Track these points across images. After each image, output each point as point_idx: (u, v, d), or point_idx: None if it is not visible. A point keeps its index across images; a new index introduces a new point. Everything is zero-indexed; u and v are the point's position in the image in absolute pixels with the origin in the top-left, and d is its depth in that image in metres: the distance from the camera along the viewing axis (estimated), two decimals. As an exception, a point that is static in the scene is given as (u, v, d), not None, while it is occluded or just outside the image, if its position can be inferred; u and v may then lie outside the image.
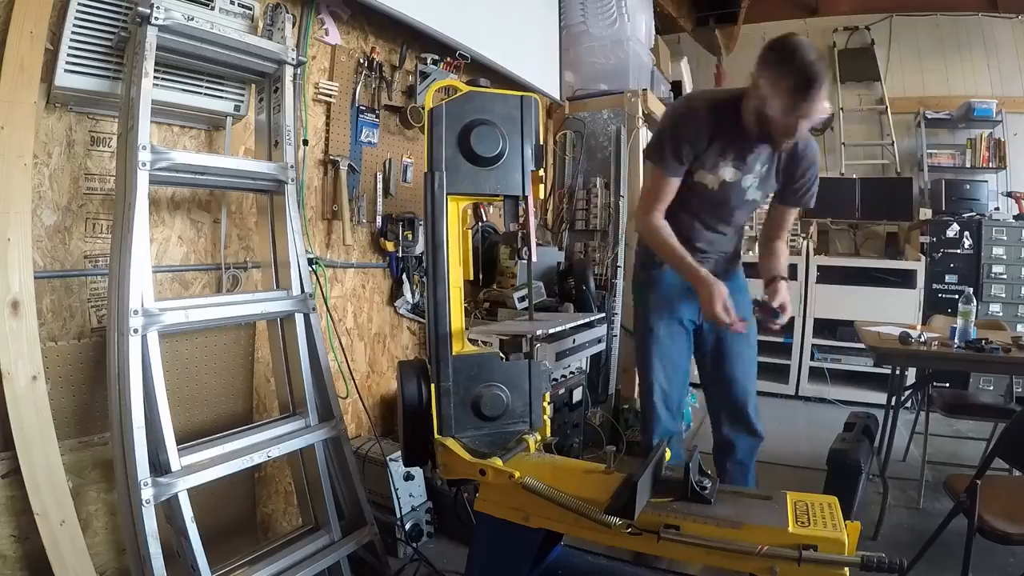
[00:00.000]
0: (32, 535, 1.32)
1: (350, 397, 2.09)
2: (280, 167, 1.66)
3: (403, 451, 1.33)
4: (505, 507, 1.17)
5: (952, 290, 4.01)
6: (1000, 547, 1.61)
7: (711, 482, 1.09)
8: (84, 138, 1.51)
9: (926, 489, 2.50)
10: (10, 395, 1.28)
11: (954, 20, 4.66)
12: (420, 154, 2.44)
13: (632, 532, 1.02)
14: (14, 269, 1.30)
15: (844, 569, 0.92)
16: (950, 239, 4.10)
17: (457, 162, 1.26)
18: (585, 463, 1.32)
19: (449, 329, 1.27)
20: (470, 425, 1.28)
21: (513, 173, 1.30)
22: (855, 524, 0.98)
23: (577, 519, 1.06)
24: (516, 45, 2.90)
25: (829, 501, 1.05)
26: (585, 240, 3.40)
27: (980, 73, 4.60)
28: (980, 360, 2.23)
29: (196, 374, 1.70)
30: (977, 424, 2.85)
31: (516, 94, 1.32)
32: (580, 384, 2.70)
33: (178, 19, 1.38)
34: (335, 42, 2.16)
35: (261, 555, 1.56)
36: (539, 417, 1.33)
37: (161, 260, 1.68)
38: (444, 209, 1.26)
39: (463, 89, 1.30)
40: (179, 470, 1.35)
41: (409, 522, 2.05)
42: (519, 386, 1.31)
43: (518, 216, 1.32)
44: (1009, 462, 1.66)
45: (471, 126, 1.26)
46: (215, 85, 1.65)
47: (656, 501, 1.08)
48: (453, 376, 1.26)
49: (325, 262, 2.11)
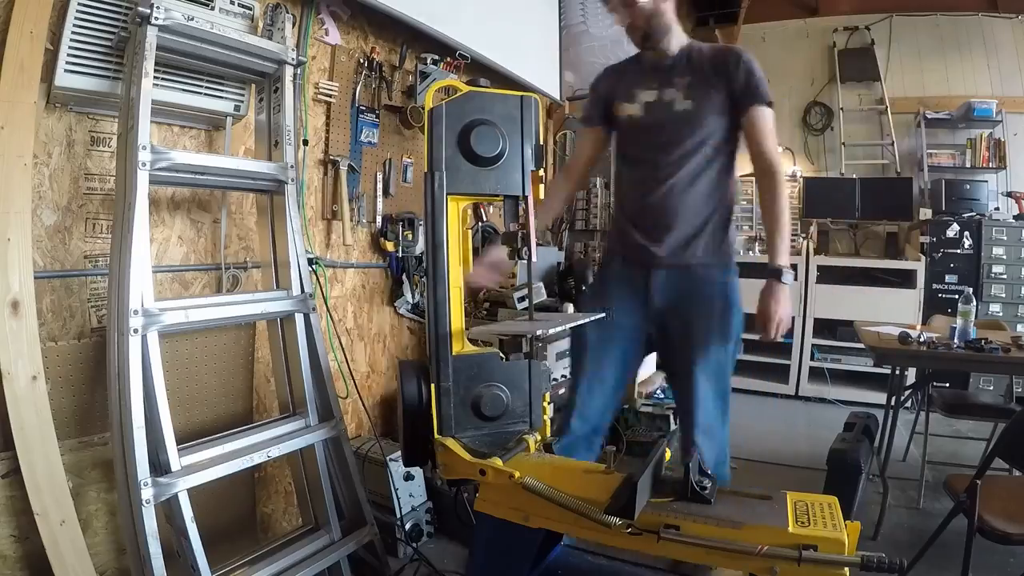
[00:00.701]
0: (32, 535, 1.32)
1: (350, 397, 2.09)
2: (280, 167, 1.66)
3: (403, 451, 1.33)
4: (505, 507, 1.17)
5: (952, 290, 4.01)
6: (1000, 547, 1.61)
7: (711, 482, 1.09)
8: (84, 138, 1.51)
9: (926, 489, 2.50)
10: (10, 395, 1.28)
11: (954, 20, 4.66)
12: (420, 154, 2.44)
13: (632, 532, 1.02)
14: (14, 269, 1.30)
15: (844, 569, 0.92)
16: (950, 239, 4.10)
17: (457, 162, 1.26)
18: (585, 463, 1.31)
19: (449, 329, 1.27)
20: (470, 425, 1.28)
21: (513, 173, 1.29)
22: (855, 524, 0.98)
23: (577, 519, 1.06)
24: (516, 45, 2.90)
25: (829, 501, 1.05)
26: (585, 240, 3.41)
27: (980, 73, 4.60)
28: (980, 360, 2.23)
29: (196, 374, 1.70)
30: (977, 424, 2.85)
31: (516, 94, 1.32)
32: (580, 384, 2.70)
33: (178, 19, 1.38)
34: (335, 42, 2.16)
35: (261, 555, 1.56)
36: (539, 417, 1.33)
37: (161, 260, 1.68)
38: (444, 209, 1.26)
39: (463, 89, 1.30)
40: (179, 470, 1.35)
41: (409, 522, 2.05)
42: (519, 386, 1.31)
43: (518, 216, 1.32)
44: (1009, 462, 1.66)
45: (471, 126, 1.26)
46: (215, 85, 1.65)
47: (656, 501, 1.08)
48: (453, 376, 1.26)
49: (325, 262, 2.11)
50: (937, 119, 4.57)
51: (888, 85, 4.76)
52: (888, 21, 4.81)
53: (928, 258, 4.11)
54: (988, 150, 4.49)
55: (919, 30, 4.75)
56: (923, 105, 4.61)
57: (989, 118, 4.42)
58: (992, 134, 4.51)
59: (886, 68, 4.78)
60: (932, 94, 4.69)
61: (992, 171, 4.49)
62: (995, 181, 4.48)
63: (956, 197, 4.35)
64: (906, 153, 4.74)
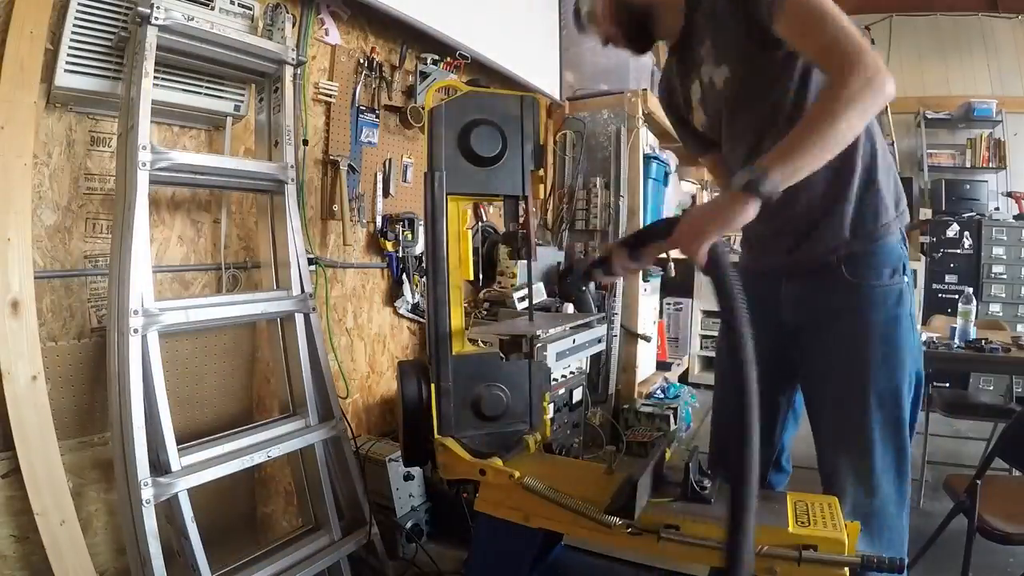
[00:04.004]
0: (32, 535, 1.32)
1: (350, 397, 2.09)
2: (280, 167, 1.66)
3: (403, 451, 1.33)
4: (505, 507, 1.17)
5: (952, 290, 4.01)
6: (1000, 547, 1.61)
7: (711, 482, 1.09)
8: (84, 138, 1.51)
9: (926, 489, 2.49)
10: (10, 395, 1.28)
11: (954, 20, 4.67)
12: (420, 154, 2.44)
13: (632, 532, 1.02)
14: (14, 269, 1.30)
15: (844, 569, 0.92)
16: (950, 239, 4.11)
17: (457, 162, 1.26)
18: (585, 463, 1.31)
19: (449, 329, 1.27)
20: (470, 425, 1.28)
21: (513, 173, 1.30)
22: (855, 524, 0.98)
23: (577, 519, 1.06)
24: (516, 45, 2.90)
25: (829, 501, 1.05)
26: (585, 240, 3.40)
27: (980, 73, 4.61)
28: (980, 360, 2.23)
29: (196, 374, 1.70)
30: (977, 424, 2.85)
31: (516, 94, 1.32)
32: (580, 384, 2.70)
33: (178, 19, 1.38)
34: (335, 42, 2.16)
35: (261, 555, 1.56)
36: (539, 417, 1.33)
37: (161, 260, 1.68)
38: (444, 209, 1.26)
39: (463, 89, 1.30)
40: (179, 470, 1.35)
41: (409, 522, 2.05)
42: (519, 386, 1.31)
43: (518, 216, 1.32)
44: (1009, 462, 1.66)
45: (471, 126, 1.26)
46: (215, 85, 1.65)
47: (656, 501, 1.08)
48: (453, 376, 1.26)
49: (325, 262, 2.11)
50: (937, 119, 4.58)
51: (888, 85, 4.76)
52: (888, 21, 4.81)
53: (928, 258, 4.11)
54: (988, 150, 4.49)
55: (919, 30, 4.75)
56: (923, 105, 4.62)
57: (989, 118, 4.42)
58: (992, 134, 4.51)
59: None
60: (932, 94, 4.69)
61: (992, 171, 4.50)
62: (995, 181, 4.49)
63: (956, 197, 4.35)
64: (906, 153, 4.74)
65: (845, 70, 0.94)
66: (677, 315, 4.55)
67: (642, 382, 3.47)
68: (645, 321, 3.42)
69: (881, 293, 1.15)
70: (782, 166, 0.94)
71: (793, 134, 0.96)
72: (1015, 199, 4.31)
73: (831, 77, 0.97)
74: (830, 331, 1.19)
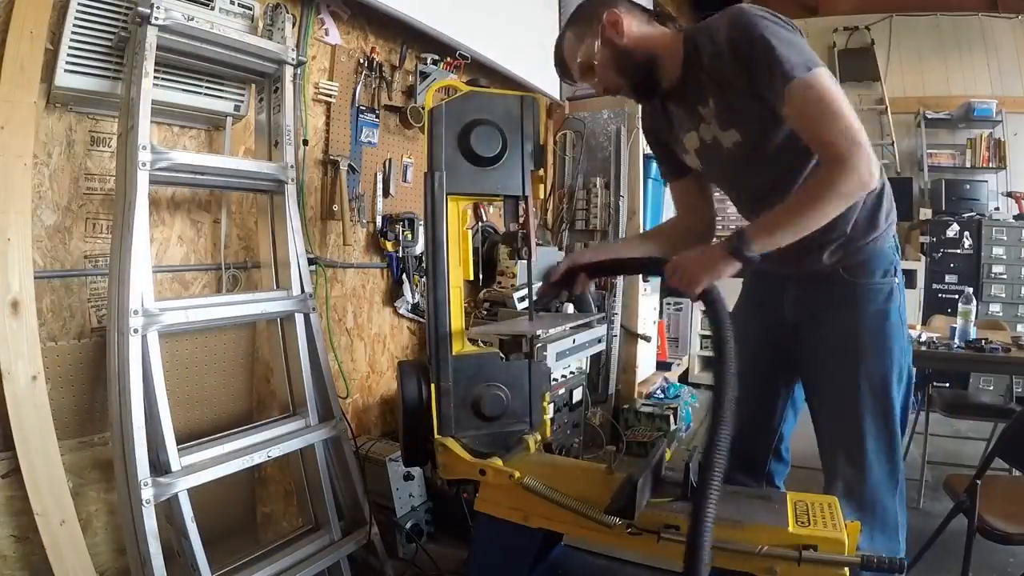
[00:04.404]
0: (32, 535, 1.32)
1: (350, 397, 2.09)
2: (280, 167, 1.66)
3: (403, 451, 1.33)
4: (505, 507, 1.17)
5: (952, 290, 4.01)
6: (1000, 547, 1.61)
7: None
8: (84, 138, 1.51)
9: (926, 489, 2.50)
10: (10, 395, 1.28)
11: (954, 20, 4.66)
12: (420, 154, 2.44)
13: (632, 532, 1.02)
14: (14, 269, 1.30)
15: (844, 569, 0.92)
16: (950, 239, 4.11)
17: (457, 162, 1.26)
18: (585, 463, 1.31)
19: (449, 329, 1.27)
20: (470, 425, 1.28)
21: (513, 173, 1.30)
22: (855, 524, 0.98)
23: (577, 519, 1.06)
24: (516, 45, 2.89)
25: (829, 501, 1.05)
26: (585, 240, 3.40)
27: (980, 73, 4.61)
28: (980, 360, 2.23)
29: (196, 374, 1.70)
30: (977, 424, 2.85)
31: (516, 94, 1.32)
32: (580, 384, 2.70)
33: (178, 19, 1.38)
34: (335, 42, 2.16)
35: (261, 555, 1.56)
36: (539, 417, 1.33)
37: (161, 260, 1.68)
38: (444, 209, 1.26)
39: (463, 89, 1.30)
40: (179, 470, 1.35)
41: (409, 522, 2.05)
42: (519, 386, 1.31)
43: (518, 216, 1.32)
44: (1009, 462, 1.66)
45: (471, 126, 1.26)
46: (215, 85, 1.65)
47: (656, 501, 1.08)
48: (453, 376, 1.26)
49: (325, 262, 2.11)
50: (937, 119, 4.58)
51: (888, 85, 4.76)
52: (888, 21, 4.81)
53: (928, 258, 4.11)
54: (988, 150, 4.49)
55: (919, 30, 4.75)
56: (923, 105, 4.62)
57: (989, 118, 4.42)
58: (992, 134, 4.51)
59: (886, 68, 4.78)
60: (932, 94, 4.69)
61: (992, 171, 4.50)
62: (995, 181, 4.49)
63: (956, 197, 4.35)
64: (906, 153, 4.74)
65: (837, 168, 1.04)
66: (677, 315, 4.55)
67: (642, 382, 3.47)
68: (645, 321, 3.42)
69: (873, 290, 1.29)
70: (766, 238, 1.09)
71: (780, 211, 1.09)
72: (1015, 199, 4.31)
73: (825, 168, 1.07)
74: (826, 324, 1.32)
